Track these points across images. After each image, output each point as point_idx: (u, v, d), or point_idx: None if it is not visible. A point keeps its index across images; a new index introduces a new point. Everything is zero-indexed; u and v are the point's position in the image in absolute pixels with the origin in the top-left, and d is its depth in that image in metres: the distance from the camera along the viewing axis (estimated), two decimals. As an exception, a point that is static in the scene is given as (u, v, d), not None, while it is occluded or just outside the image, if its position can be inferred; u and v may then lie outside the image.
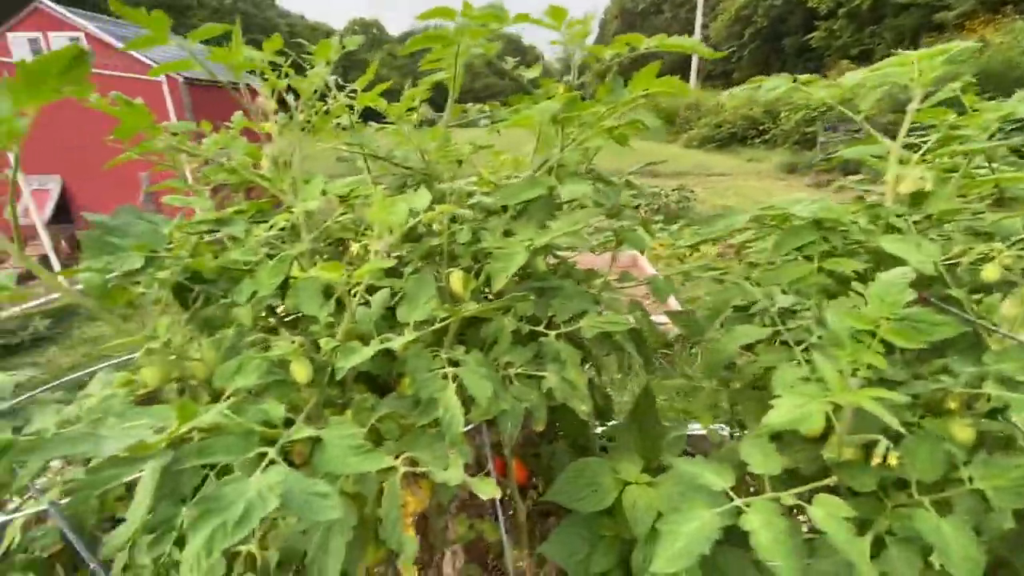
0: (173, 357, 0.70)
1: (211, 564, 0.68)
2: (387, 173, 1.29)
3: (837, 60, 25.80)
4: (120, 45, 7.57)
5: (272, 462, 0.55)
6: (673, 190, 8.40)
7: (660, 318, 1.28)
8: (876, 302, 0.65)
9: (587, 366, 1.19)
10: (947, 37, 21.58)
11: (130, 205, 0.77)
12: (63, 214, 9.13)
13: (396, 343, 0.71)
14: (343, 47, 0.99)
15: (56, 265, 6.14)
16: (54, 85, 0.55)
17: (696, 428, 1.43)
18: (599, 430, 1.51)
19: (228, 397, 0.68)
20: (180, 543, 0.72)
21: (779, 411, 0.60)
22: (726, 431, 1.45)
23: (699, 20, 28.10)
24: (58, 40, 7.38)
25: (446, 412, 0.73)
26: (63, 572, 1.23)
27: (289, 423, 0.67)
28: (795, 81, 0.95)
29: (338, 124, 1.19)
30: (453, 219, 1.01)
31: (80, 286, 0.76)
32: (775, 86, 0.97)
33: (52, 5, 7.51)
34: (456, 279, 0.99)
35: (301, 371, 0.72)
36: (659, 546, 0.64)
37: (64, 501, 0.78)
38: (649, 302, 1.19)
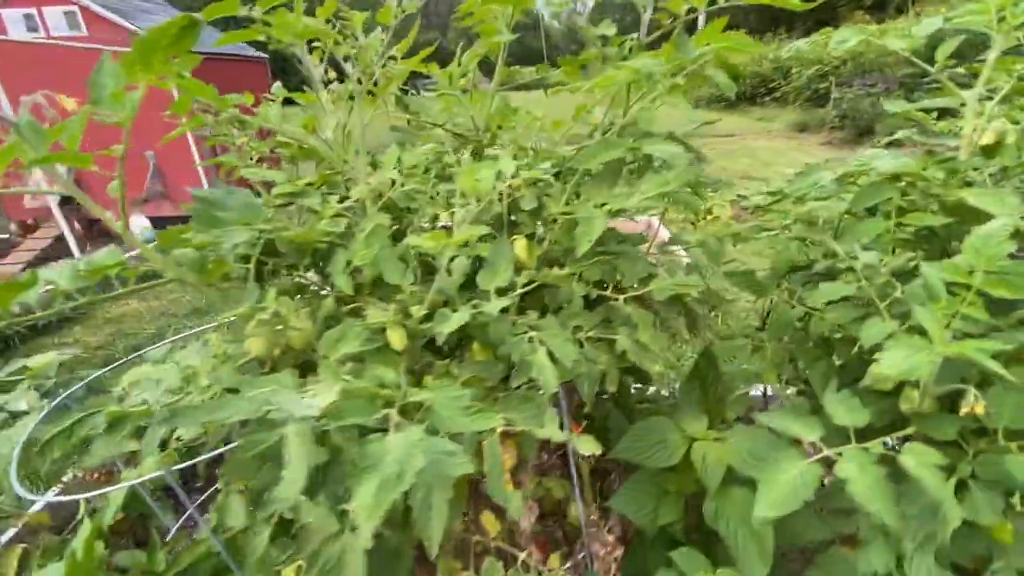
0: (280, 327, 0.72)
1: (327, 521, 0.71)
2: (431, 141, 1.28)
3: (851, 11, 24.82)
4: (116, 18, 7.38)
5: (398, 424, 0.57)
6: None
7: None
8: (972, 254, 0.66)
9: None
10: (967, -18, 20.56)
11: (220, 180, 0.78)
12: (69, 197, 9.07)
13: (492, 307, 0.72)
14: (403, 11, 0.97)
15: (73, 245, 6.17)
16: (163, 57, 0.55)
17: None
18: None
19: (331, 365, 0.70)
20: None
21: (888, 362, 0.62)
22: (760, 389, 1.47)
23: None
24: (53, 14, 7.20)
25: (540, 373, 0.75)
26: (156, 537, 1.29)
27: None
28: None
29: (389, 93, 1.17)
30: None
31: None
32: (845, 38, 0.94)
33: (44, -22, 7.31)
34: (520, 246, 0.99)
35: (397, 338, 0.74)
36: (760, 494, 0.66)
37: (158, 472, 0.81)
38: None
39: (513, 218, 1.08)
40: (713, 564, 1.02)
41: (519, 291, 0.82)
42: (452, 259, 0.90)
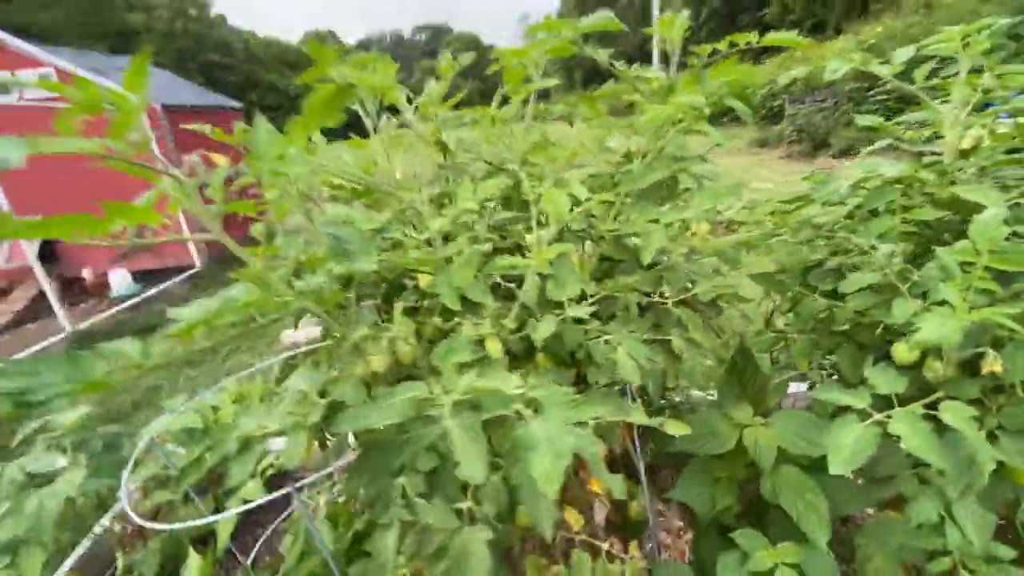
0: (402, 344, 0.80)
1: (446, 519, 0.79)
2: (463, 172, 1.40)
3: (793, 34, 26.32)
4: (91, 76, 7.43)
5: (530, 415, 0.66)
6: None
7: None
8: (977, 237, 0.79)
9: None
10: (894, 1, 22.35)
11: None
12: (45, 256, 8.93)
13: (578, 312, 0.83)
14: (459, 64, 1.09)
15: (55, 303, 6.04)
16: (317, 120, 0.65)
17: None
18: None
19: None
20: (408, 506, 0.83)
21: (925, 332, 0.74)
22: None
23: (656, 4, 28.41)
24: (28, 78, 7.21)
25: (623, 369, 0.85)
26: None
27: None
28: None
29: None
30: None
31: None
32: (837, 67, 1.11)
33: (18, 42, 7.34)
34: (574, 262, 1.10)
35: (495, 348, 0.83)
36: (831, 455, 0.77)
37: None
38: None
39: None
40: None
41: (592, 300, 0.93)
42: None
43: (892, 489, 1.06)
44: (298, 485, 0.85)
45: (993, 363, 0.83)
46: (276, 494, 0.87)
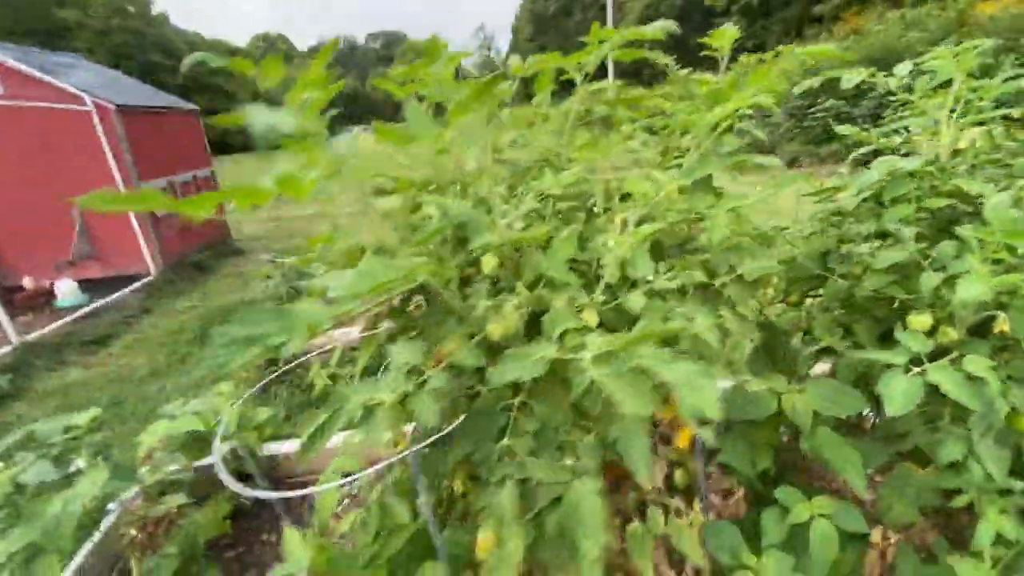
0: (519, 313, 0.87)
1: (556, 474, 0.86)
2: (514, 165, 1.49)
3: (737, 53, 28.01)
4: (38, 74, 7.00)
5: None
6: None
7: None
8: (992, 217, 0.95)
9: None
10: (827, 27, 24.22)
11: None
12: (-21, 265, 8.27)
13: (663, 284, 0.93)
14: (517, 76, 1.18)
15: (3, 318, 5.59)
16: (473, 106, 0.73)
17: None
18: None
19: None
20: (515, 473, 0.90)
21: (964, 291, 0.88)
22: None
23: (610, 21, 29.44)
24: (-33, 74, 6.68)
25: (705, 335, 0.95)
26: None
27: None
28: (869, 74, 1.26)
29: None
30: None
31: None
32: (851, 78, 1.27)
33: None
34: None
35: (591, 317, 0.92)
36: (886, 402, 0.90)
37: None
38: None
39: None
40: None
41: (667, 277, 1.03)
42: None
43: (908, 443, 1.22)
44: (418, 447, 0.90)
45: (1002, 324, 0.99)
46: (394, 458, 0.91)
